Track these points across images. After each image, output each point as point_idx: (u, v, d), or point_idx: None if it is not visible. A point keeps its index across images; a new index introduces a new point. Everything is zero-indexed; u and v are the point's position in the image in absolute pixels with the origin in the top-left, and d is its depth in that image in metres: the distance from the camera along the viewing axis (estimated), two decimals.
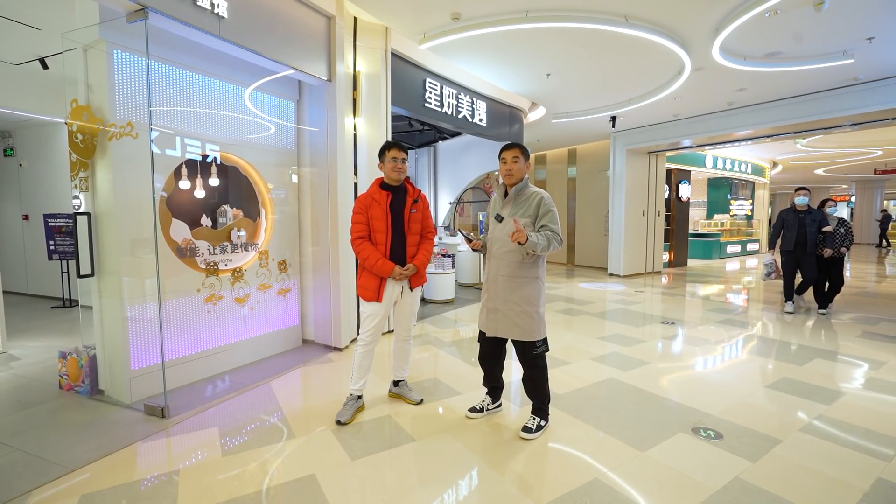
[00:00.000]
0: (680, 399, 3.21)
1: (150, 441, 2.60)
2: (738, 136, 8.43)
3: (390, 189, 2.88)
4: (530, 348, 2.63)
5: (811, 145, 11.37)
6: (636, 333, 5.00)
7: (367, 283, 2.85)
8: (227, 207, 3.81)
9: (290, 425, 2.79)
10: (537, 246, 2.43)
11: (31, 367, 3.82)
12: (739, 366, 3.97)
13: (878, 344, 4.57)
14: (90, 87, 3.04)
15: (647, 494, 2.12)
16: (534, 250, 2.45)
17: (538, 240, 2.43)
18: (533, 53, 5.32)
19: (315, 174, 4.33)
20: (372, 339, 2.90)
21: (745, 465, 2.35)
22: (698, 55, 5.32)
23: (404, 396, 3.16)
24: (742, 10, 4.20)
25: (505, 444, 2.58)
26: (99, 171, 3.05)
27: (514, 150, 2.65)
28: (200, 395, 3.28)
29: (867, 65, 5.67)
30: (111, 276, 3.08)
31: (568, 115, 8.17)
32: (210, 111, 3.61)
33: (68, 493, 2.10)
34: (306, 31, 3.88)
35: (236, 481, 2.20)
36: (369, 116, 4.59)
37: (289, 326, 4.36)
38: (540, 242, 2.43)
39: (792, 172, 17.69)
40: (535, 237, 2.43)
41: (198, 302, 3.53)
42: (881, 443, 2.60)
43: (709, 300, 7.11)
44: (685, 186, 11.71)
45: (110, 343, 3.15)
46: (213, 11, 3.05)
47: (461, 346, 4.53)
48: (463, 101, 6.03)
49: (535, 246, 2.42)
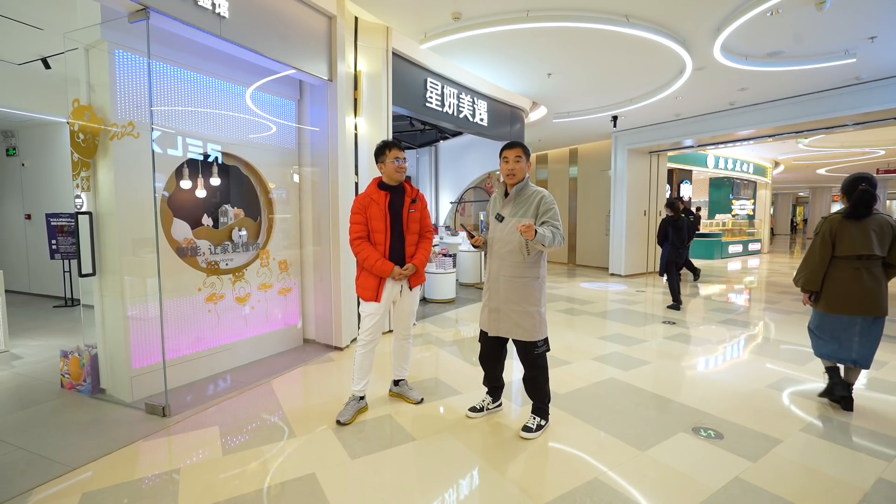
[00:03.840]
0: (680, 399, 3.21)
1: (152, 440, 2.61)
2: (740, 135, 8.42)
3: (389, 189, 2.89)
4: (531, 348, 2.63)
5: (813, 145, 11.35)
6: (637, 333, 5.00)
7: (366, 282, 2.85)
8: (229, 207, 3.82)
9: (291, 424, 2.80)
10: (545, 238, 2.39)
11: (33, 366, 3.84)
12: (740, 366, 3.96)
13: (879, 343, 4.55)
14: (92, 87, 3.05)
15: (647, 494, 2.12)
16: (542, 244, 2.41)
17: (545, 232, 2.41)
18: (534, 53, 5.32)
19: (316, 174, 4.34)
20: (371, 338, 2.90)
21: (745, 464, 2.35)
22: (700, 55, 5.31)
23: (405, 396, 3.16)
24: (743, 10, 4.19)
25: (505, 443, 2.58)
26: (101, 171, 3.06)
27: (517, 150, 2.64)
28: (201, 394, 3.28)
29: (869, 64, 5.65)
30: (113, 275, 3.09)
31: (569, 115, 8.17)
32: (211, 111, 3.62)
33: (70, 492, 2.11)
34: (307, 30, 3.88)
35: (237, 480, 2.21)
36: (370, 116, 4.59)
37: (289, 326, 4.37)
38: (546, 236, 2.41)
39: (794, 172, 17.66)
40: (543, 230, 2.41)
41: (199, 301, 3.54)
42: (882, 443, 2.59)
43: (710, 300, 7.09)
44: (686, 186, 11.69)
45: (112, 342, 3.16)
46: (214, 11, 3.05)
47: (462, 346, 4.53)
48: (464, 101, 6.03)
49: (543, 239, 2.38)
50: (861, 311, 2.88)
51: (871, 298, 2.85)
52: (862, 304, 2.87)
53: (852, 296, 2.89)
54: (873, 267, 2.87)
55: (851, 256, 2.88)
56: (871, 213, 2.87)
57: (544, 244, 2.41)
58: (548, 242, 2.41)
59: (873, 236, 2.83)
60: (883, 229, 2.84)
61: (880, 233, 2.83)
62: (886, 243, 2.83)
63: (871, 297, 2.85)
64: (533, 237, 2.34)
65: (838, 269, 2.94)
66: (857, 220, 2.88)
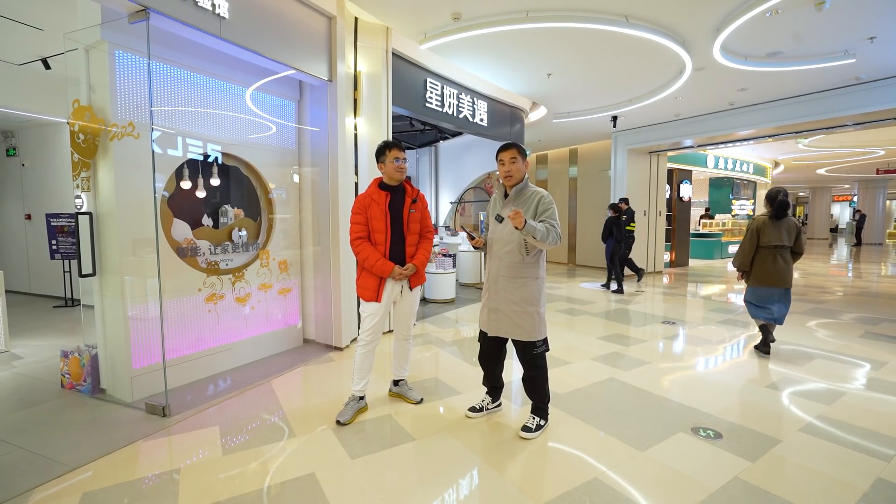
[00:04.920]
0: (680, 399, 3.21)
1: (152, 440, 2.61)
2: (740, 135, 8.42)
3: (389, 189, 2.89)
4: (531, 348, 2.63)
5: (813, 145, 11.35)
6: (637, 333, 5.00)
7: (366, 282, 2.86)
8: (229, 207, 3.82)
9: (291, 424, 2.80)
10: (536, 231, 2.38)
11: (34, 366, 3.84)
12: (740, 366, 3.97)
13: (880, 344, 4.57)
14: (92, 88, 3.05)
15: (646, 494, 2.12)
16: (533, 237, 2.39)
17: (537, 225, 2.40)
18: (534, 53, 5.32)
19: (316, 174, 4.34)
20: (372, 338, 2.90)
21: (744, 464, 2.36)
22: (699, 55, 5.31)
23: (404, 396, 3.17)
24: (743, 10, 4.20)
25: (505, 443, 2.58)
26: (101, 171, 3.07)
27: (511, 151, 2.64)
28: (201, 394, 3.29)
29: (869, 64, 5.66)
30: (113, 275, 3.09)
31: (569, 115, 8.17)
32: (211, 111, 3.63)
33: (70, 491, 2.12)
34: (307, 31, 3.89)
35: (237, 480, 2.21)
36: (370, 116, 4.59)
37: (289, 326, 4.37)
38: (539, 228, 2.40)
39: (794, 172, 17.66)
40: (534, 222, 2.41)
41: (199, 301, 3.54)
42: (881, 443, 2.60)
43: (710, 300, 7.10)
44: (686, 186, 11.69)
45: (112, 342, 3.16)
46: (214, 12, 3.06)
47: (462, 346, 4.54)
48: (464, 101, 6.03)
49: (533, 230, 2.37)
50: (778, 284, 4.01)
51: (784, 275, 4.01)
52: (778, 279, 4.00)
53: (772, 273, 4.02)
54: (785, 253, 4.03)
55: (771, 246, 4.01)
56: (785, 216, 4.00)
57: (535, 237, 2.39)
58: (539, 236, 2.40)
59: (784, 232, 3.98)
60: (791, 227, 4.01)
61: (789, 230, 4.01)
62: (793, 237, 4.02)
63: (783, 274, 4.01)
64: (522, 225, 2.33)
65: (762, 255, 4.07)
66: (776, 220, 4.00)
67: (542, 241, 2.43)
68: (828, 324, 5.45)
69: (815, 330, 5.17)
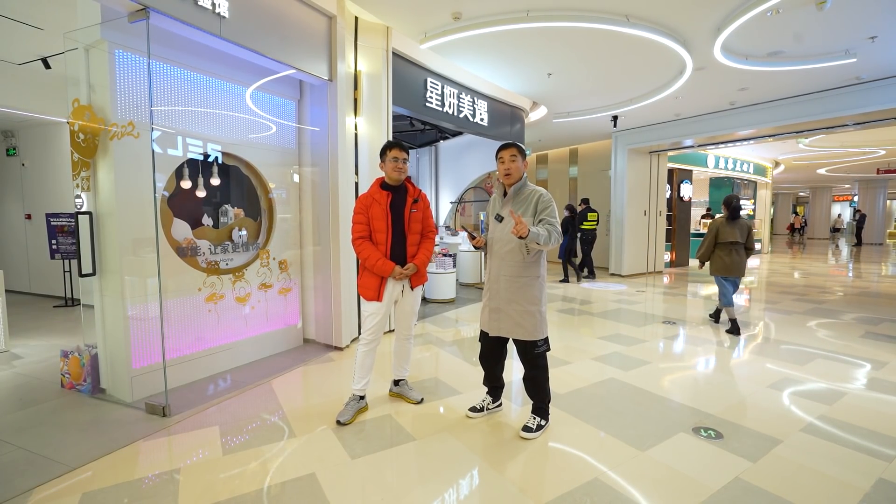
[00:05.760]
0: (681, 399, 3.20)
1: (152, 439, 2.61)
2: (740, 135, 8.42)
3: (391, 189, 2.89)
4: (532, 348, 2.63)
5: (813, 145, 11.34)
6: (637, 333, 5.00)
7: (367, 282, 2.85)
8: (229, 207, 3.82)
9: (291, 424, 2.80)
10: (539, 237, 2.38)
11: (34, 366, 3.84)
12: (740, 366, 3.96)
13: (881, 344, 4.56)
14: (92, 87, 3.05)
15: (647, 494, 2.11)
16: (536, 242, 2.39)
17: (540, 231, 2.41)
18: (534, 53, 5.31)
19: (316, 174, 4.34)
20: (373, 338, 2.90)
21: (745, 465, 2.35)
22: (700, 54, 5.31)
23: (405, 396, 3.16)
24: (743, 10, 4.19)
25: (505, 443, 2.58)
26: (101, 171, 3.06)
27: (511, 150, 2.64)
28: (201, 393, 3.28)
29: (869, 64, 5.65)
30: (113, 275, 3.09)
31: (569, 115, 8.17)
32: (211, 111, 3.62)
33: (70, 491, 2.11)
34: (307, 30, 3.88)
35: (237, 480, 2.21)
36: (370, 116, 4.59)
37: (289, 326, 4.37)
38: (542, 234, 2.40)
39: (794, 172, 17.65)
40: (537, 229, 2.41)
41: (199, 301, 3.54)
42: (882, 443, 2.59)
43: (710, 300, 7.09)
44: (687, 186, 11.69)
45: (112, 342, 3.16)
46: (214, 11, 3.05)
47: (462, 346, 4.53)
48: (464, 101, 6.03)
49: (537, 237, 2.37)
50: (734, 275, 4.97)
51: (739, 267, 4.95)
52: (735, 270, 4.95)
53: (728, 265, 4.96)
54: (739, 249, 4.96)
55: (728, 243, 4.94)
56: (739, 217, 4.97)
57: (539, 242, 2.39)
58: (542, 241, 2.39)
59: (738, 231, 4.91)
60: (743, 227, 4.94)
61: (742, 229, 4.93)
62: (745, 235, 4.95)
63: (738, 266, 4.95)
64: (526, 234, 2.33)
65: (721, 250, 5.00)
66: (732, 221, 4.95)
67: (544, 244, 2.43)
68: (828, 324, 5.45)
69: (815, 330, 5.17)
